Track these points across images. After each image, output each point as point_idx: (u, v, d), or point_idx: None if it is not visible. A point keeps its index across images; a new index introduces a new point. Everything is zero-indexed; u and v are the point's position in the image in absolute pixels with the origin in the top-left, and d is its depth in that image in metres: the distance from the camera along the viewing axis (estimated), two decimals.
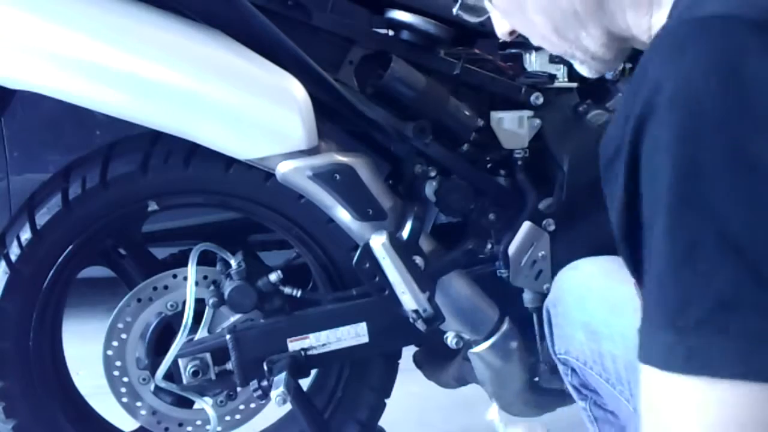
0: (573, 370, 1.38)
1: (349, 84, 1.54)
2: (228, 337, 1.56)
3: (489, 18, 1.04)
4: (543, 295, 1.55)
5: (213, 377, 1.59)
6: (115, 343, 1.64)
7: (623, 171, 0.69)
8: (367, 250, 1.49)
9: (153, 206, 1.62)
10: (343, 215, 1.51)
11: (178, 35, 1.38)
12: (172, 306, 1.64)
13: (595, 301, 1.29)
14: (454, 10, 1.08)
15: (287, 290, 1.59)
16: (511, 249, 1.59)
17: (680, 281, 0.64)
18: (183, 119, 1.39)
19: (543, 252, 1.59)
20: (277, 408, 1.58)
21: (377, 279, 1.51)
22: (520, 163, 1.60)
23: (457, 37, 1.60)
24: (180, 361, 1.58)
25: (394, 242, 1.47)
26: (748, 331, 0.60)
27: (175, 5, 1.39)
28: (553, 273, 1.53)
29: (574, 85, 1.63)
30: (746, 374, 0.61)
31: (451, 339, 1.62)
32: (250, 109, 1.40)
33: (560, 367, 1.41)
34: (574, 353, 1.36)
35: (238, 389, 1.66)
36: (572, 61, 1.01)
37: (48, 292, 1.60)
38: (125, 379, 1.66)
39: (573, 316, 1.34)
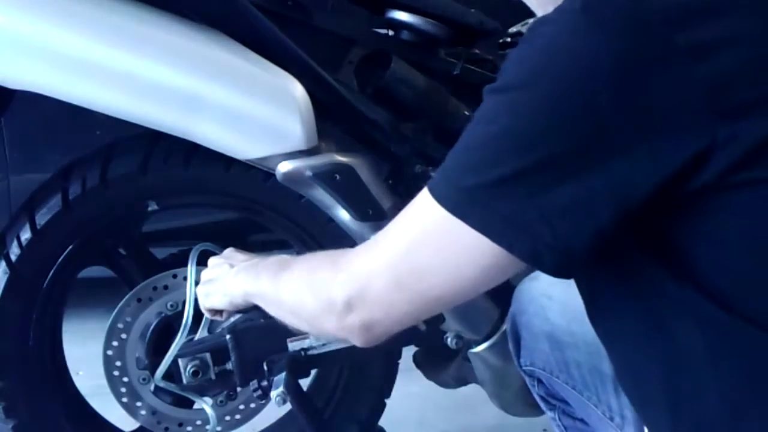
0: (539, 380, 1.38)
1: (349, 84, 1.54)
2: (228, 337, 1.55)
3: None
4: None
5: (213, 377, 1.59)
6: (115, 343, 1.64)
7: None
8: None
9: (153, 206, 1.62)
10: (343, 215, 1.51)
11: (179, 35, 1.38)
12: (172, 306, 1.64)
13: (557, 311, 1.30)
14: None
15: None
16: None
17: (480, 154, 0.88)
18: (183, 119, 1.39)
19: None
20: (277, 408, 1.58)
21: None
22: None
23: (457, 37, 1.60)
24: (180, 361, 1.57)
25: None
26: (498, 208, 0.86)
27: (176, 5, 1.39)
28: None
29: None
30: (483, 230, 0.87)
31: (450, 339, 1.62)
32: (250, 109, 1.40)
33: (527, 379, 1.41)
34: (540, 364, 1.36)
35: (238, 389, 1.66)
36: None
37: (48, 292, 1.60)
38: (125, 379, 1.66)
39: (536, 326, 1.35)
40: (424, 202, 0.91)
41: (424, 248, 0.92)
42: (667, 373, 0.94)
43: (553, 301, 1.33)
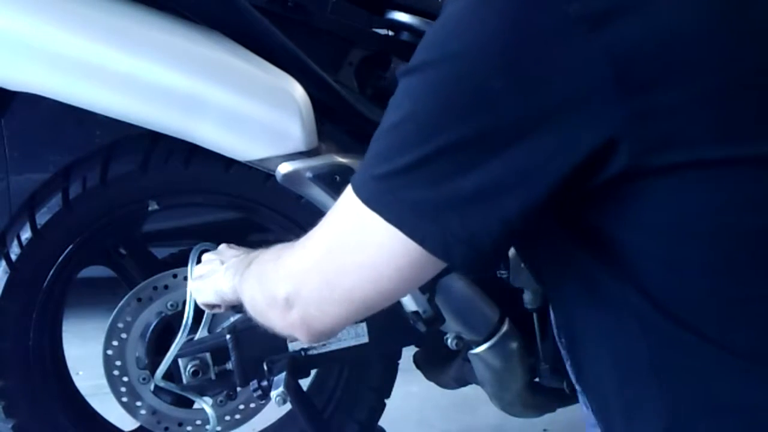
0: None
1: (349, 85, 1.54)
2: (228, 337, 1.55)
3: None
4: (543, 296, 1.55)
5: (213, 377, 1.59)
6: (115, 343, 1.64)
7: None
8: None
9: (153, 206, 1.62)
10: None
11: (178, 37, 1.37)
12: (172, 306, 1.64)
13: None
14: None
15: None
16: (511, 250, 1.58)
17: (388, 141, 0.85)
18: (182, 121, 1.39)
19: None
20: (277, 408, 1.59)
21: None
22: None
23: None
24: (180, 361, 1.58)
25: None
26: (406, 197, 0.83)
27: (175, 7, 1.39)
28: None
29: None
30: (395, 221, 0.83)
31: (451, 340, 1.62)
32: (249, 111, 1.40)
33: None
34: None
35: (238, 389, 1.66)
36: None
37: (48, 292, 1.60)
38: (125, 379, 1.66)
39: None
40: (346, 195, 0.89)
41: (345, 245, 0.89)
42: (620, 383, 0.91)
43: None
